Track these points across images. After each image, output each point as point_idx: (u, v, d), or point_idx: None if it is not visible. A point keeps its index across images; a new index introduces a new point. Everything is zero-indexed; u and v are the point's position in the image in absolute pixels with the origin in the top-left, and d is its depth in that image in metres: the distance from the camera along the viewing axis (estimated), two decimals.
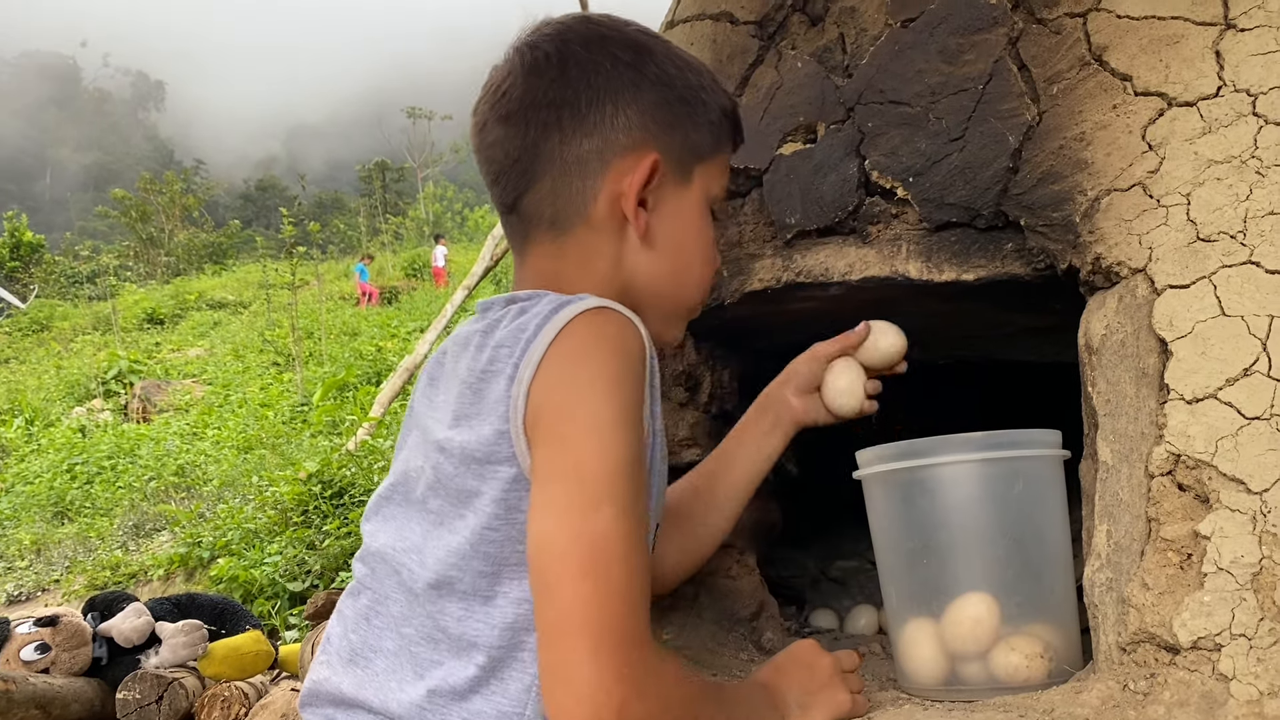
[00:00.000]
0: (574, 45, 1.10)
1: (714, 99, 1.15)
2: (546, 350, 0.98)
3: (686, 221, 1.15)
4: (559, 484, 0.93)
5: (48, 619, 2.57)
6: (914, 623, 1.29)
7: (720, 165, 1.18)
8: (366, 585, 1.11)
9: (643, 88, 1.10)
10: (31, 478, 8.23)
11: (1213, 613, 1.03)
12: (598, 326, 1.00)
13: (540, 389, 0.98)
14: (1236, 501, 1.05)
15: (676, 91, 1.12)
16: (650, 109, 1.10)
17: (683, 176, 1.14)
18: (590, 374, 0.97)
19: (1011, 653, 1.21)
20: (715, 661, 1.56)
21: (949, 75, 1.41)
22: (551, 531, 0.92)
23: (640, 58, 1.11)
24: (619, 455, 0.94)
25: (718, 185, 1.18)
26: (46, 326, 16.34)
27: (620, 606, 0.89)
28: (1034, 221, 1.33)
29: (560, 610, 0.89)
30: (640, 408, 1.00)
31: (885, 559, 1.36)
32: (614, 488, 0.92)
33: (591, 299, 1.03)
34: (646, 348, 1.03)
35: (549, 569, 0.91)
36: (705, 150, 1.15)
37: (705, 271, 1.18)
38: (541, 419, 0.97)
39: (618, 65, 1.10)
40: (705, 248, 1.18)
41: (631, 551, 0.91)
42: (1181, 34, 1.26)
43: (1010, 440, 1.26)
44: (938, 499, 1.27)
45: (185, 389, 10.75)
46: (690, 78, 1.14)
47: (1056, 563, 1.27)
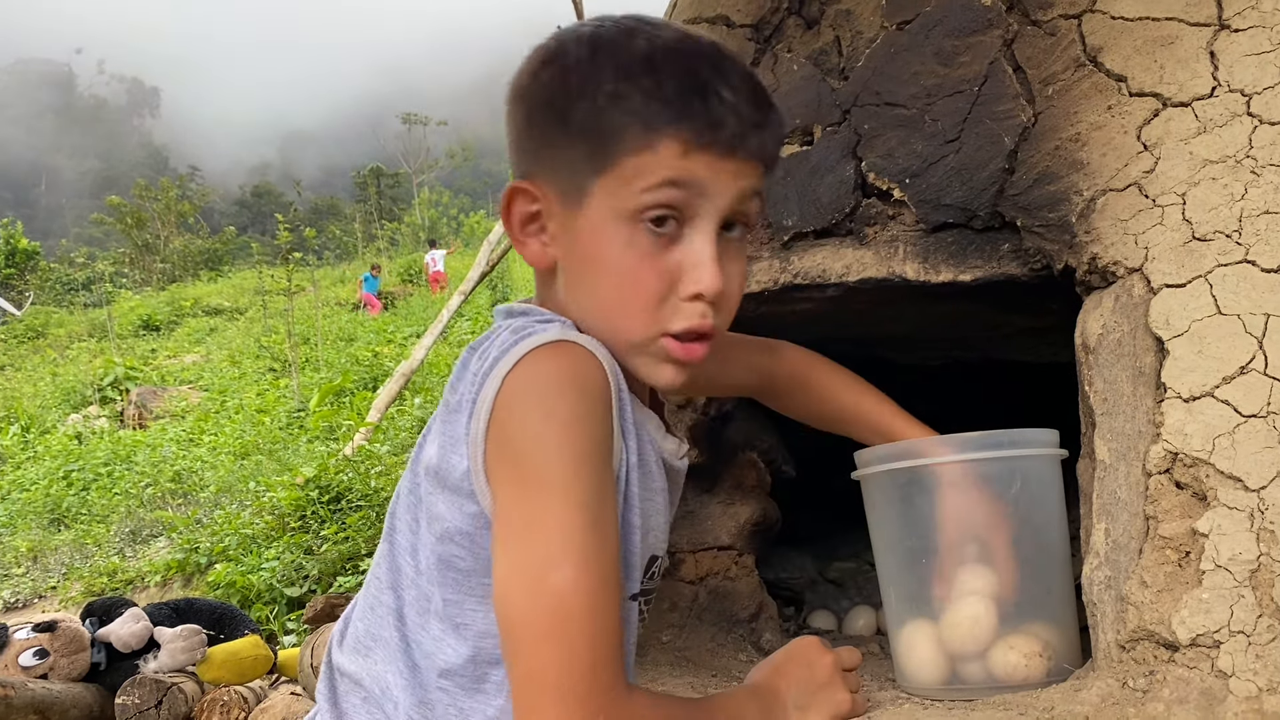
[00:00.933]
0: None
1: (613, 106, 0.98)
2: (500, 388, 0.95)
3: (587, 247, 1.00)
4: (515, 543, 0.91)
5: (46, 624, 2.56)
6: (913, 622, 1.29)
7: (631, 173, 0.98)
8: (376, 575, 1.12)
9: (521, 112, 1.02)
10: (28, 485, 8.20)
11: (1211, 610, 1.03)
12: (553, 362, 0.95)
13: (496, 429, 0.95)
14: (1234, 499, 1.05)
15: (553, 111, 1.00)
16: (525, 129, 1.02)
17: (575, 198, 1.00)
18: (543, 415, 0.93)
19: (1010, 651, 1.21)
20: (714, 663, 1.56)
21: (944, 77, 1.42)
22: (513, 592, 0.91)
23: (531, 78, 1.02)
24: (576, 506, 0.91)
25: (631, 195, 0.98)
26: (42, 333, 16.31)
27: (584, 665, 0.89)
28: (1030, 222, 1.34)
29: (525, 671, 0.90)
30: (604, 446, 0.95)
31: (884, 559, 1.36)
32: (571, 542, 0.90)
33: (554, 329, 0.98)
34: (611, 380, 0.97)
35: (512, 630, 0.92)
36: (593, 165, 0.98)
37: (630, 303, 0.99)
38: (499, 463, 0.95)
39: (512, 93, 1.04)
40: (618, 274, 0.99)
41: (595, 607, 0.89)
42: (1176, 35, 1.27)
43: (1008, 440, 1.26)
44: (937, 498, 1.27)
45: (181, 395, 10.73)
46: (578, 89, 0.98)
47: (1054, 561, 1.27)
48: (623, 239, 0.98)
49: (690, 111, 0.97)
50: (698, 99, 0.96)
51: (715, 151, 0.96)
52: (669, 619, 1.60)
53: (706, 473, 1.74)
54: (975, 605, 1.24)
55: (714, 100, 0.96)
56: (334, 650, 1.17)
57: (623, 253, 0.98)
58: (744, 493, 1.77)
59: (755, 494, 1.78)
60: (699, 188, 0.97)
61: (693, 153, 0.96)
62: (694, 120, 0.96)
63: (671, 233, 0.98)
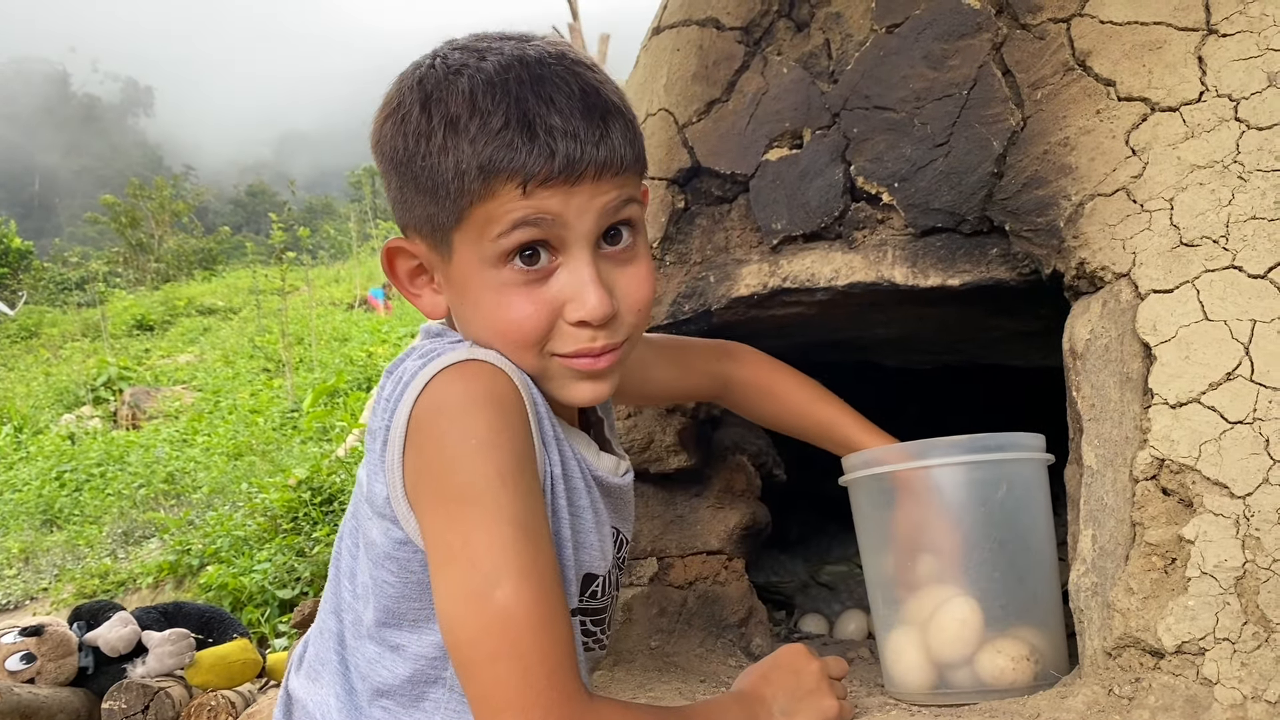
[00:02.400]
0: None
1: (447, 161, 0.96)
2: (411, 413, 0.95)
3: (464, 291, 1.01)
4: (451, 566, 0.91)
5: (33, 629, 2.55)
6: (900, 627, 1.29)
7: (482, 221, 0.97)
8: (325, 600, 1.12)
9: (378, 162, 1.04)
10: (20, 485, 8.17)
11: (1196, 617, 1.03)
12: (462, 383, 0.95)
13: (412, 454, 0.95)
14: (1220, 505, 1.05)
15: (391, 163, 1.01)
16: (388, 186, 1.04)
17: (444, 250, 1.01)
18: (460, 436, 0.92)
19: (998, 655, 1.21)
20: (703, 668, 1.56)
21: (934, 81, 1.41)
22: (457, 617, 0.91)
23: (376, 130, 1.03)
24: (506, 521, 0.90)
25: (486, 241, 0.97)
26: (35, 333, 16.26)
27: (540, 676, 0.89)
28: (1019, 226, 1.33)
29: (482, 692, 0.90)
30: (527, 459, 0.95)
31: (871, 564, 1.35)
32: (506, 558, 0.89)
33: (460, 350, 0.99)
34: (524, 393, 0.98)
35: (462, 653, 0.91)
36: (448, 219, 0.98)
37: (510, 336, 1.00)
38: (421, 488, 0.95)
39: (371, 139, 1.05)
40: (493, 311, 1.00)
41: (542, 618, 0.90)
42: (1164, 39, 1.26)
43: (995, 444, 1.26)
44: (922, 503, 1.27)
45: (175, 395, 10.70)
46: (419, 149, 0.98)
47: (1041, 566, 1.27)
48: (495, 283, 0.98)
49: (519, 149, 0.94)
50: (523, 136, 0.94)
51: (556, 184, 0.95)
52: (658, 624, 1.60)
53: (696, 476, 1.74)
54: (962, 609, 1.24)
55: (541, 133, 0.94)
56: (290, 675, 1.18)
57: (497, 296, 0.99)
58: (734, 496, 1.76)
59: (745, 497, 1.77)
60: (556, 221, 0.96)
61: (534, 190, 0.95)
62: (525, 159, 0.94)
63: (545, 265, 0.98)
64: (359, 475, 1.07)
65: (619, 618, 1.59)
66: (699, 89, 1.69)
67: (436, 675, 1.01)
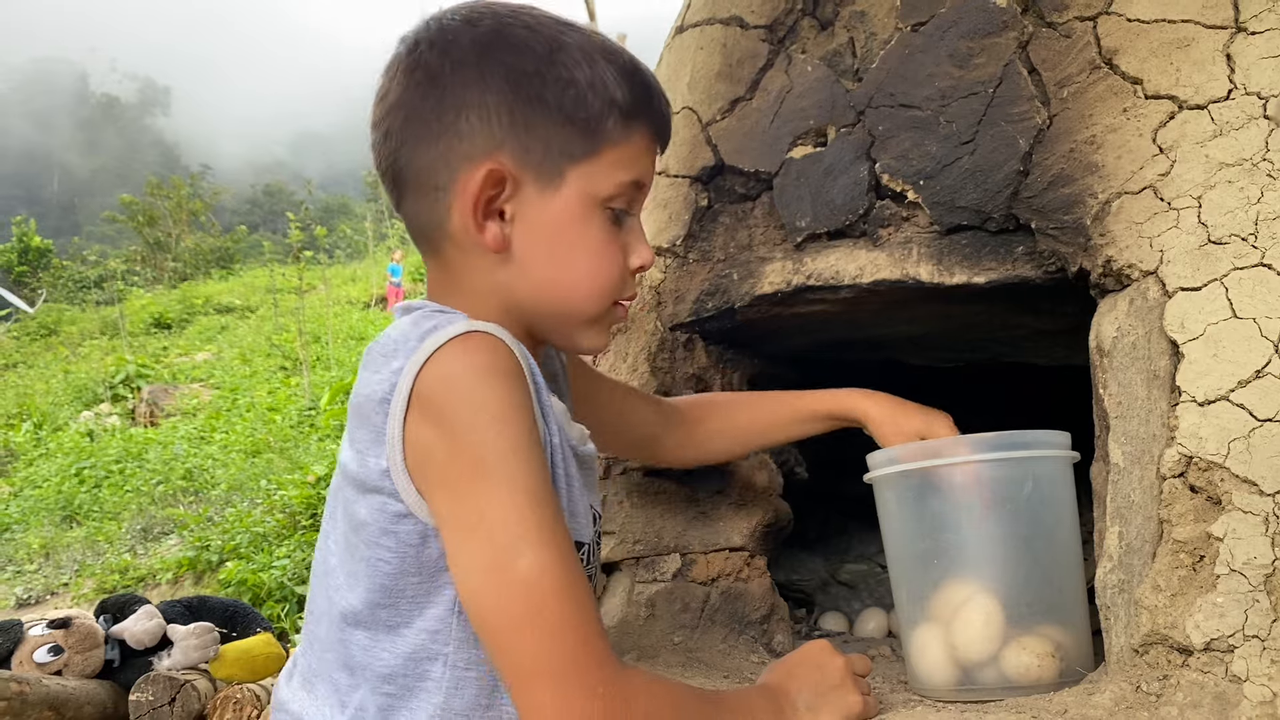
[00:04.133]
0: (422, 47, 1.03)
1: (594, 93, 1.01)
2: (413, 386, 0.94)
3: (559, 230, 1.03)
4: (469, 540, 0.91)
5: (60, 621, 2.58)
6: (924, 624, 1.29)
7: (610, 163, 1.03)
8: (311, 609, 1.11)
9: (488, 89, 1.00)
10: (40, 481, 8.24)
11: (1225, 614, 1.03)
12: (466, 355, 0.94)
13: (416, 429, 0.94)
14: (1249, 503, 1.05)
15: (531, 89, 1.00)
16: (495, 112, 1.00)
17: (549, 181, 1.02)
18: (473, 409, 0.92)
19: (1023, 653, 1.21)
20: (726, 664, 1.56)
21: (959, 79, 1.42)
22: (480, 588, 0.90)
23: (485, 55, 1.00)
24: (521, 491, 0.90)
25: (609, 184, 1.04)
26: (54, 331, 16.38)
27: (571, 640, 0.88)
28: (1045, 224, 1.33)
29: (514, 664, 0.89)
30: (535, 431, 0.96)
31: (896, 561, 1.36)
32: (525, 528, 0.89)
33: (459, 323, 0.97)
34: (524, 365, 0.98)
35: (488, 625, 0.91)
36: (577, 150, 1.02)
37: (600, 281, 1.06)
38: (429, 464, 0.94)
39: (460, 68, 1.00)
40: (593, 255, 1.05)
41: (566, 585, 0.89)
42: (1192, 37, 1.26)
43: (1021, 441, 1.26)
44: (949, 500, 1.27)
45: (193, 393, 10.77)
46: (557, 71, 1.00)
47: (1067, 564, 1.27)
48: (595, 225, 1.05)
49: (655, 111, 1.07)
50: (659, 102, 1.08)
51: (659, 149, 1.10)
52: (681, 620, 1.60)
53: (718, 473, 1.74)
54: (986, 606, 1.24)
55: (663, 105, 1.09)
56: (281, 687, 1.16)
57: (598, 234, 1.05)
58: (756, 494, 1.76)
59: (767, 495, 1.78)
60: (647, 187, 1.10)
61: (652, 149, 1.09)
62: (657, 119, 1.08)
63: (619, 217, 1.08)
64: (341, 459, 1.04)
65: (641, 614, 1.60)
66: (723, 87, 1.69)
67: (438, 651, 0.99)
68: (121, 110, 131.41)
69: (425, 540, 0.97)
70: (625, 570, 1.63)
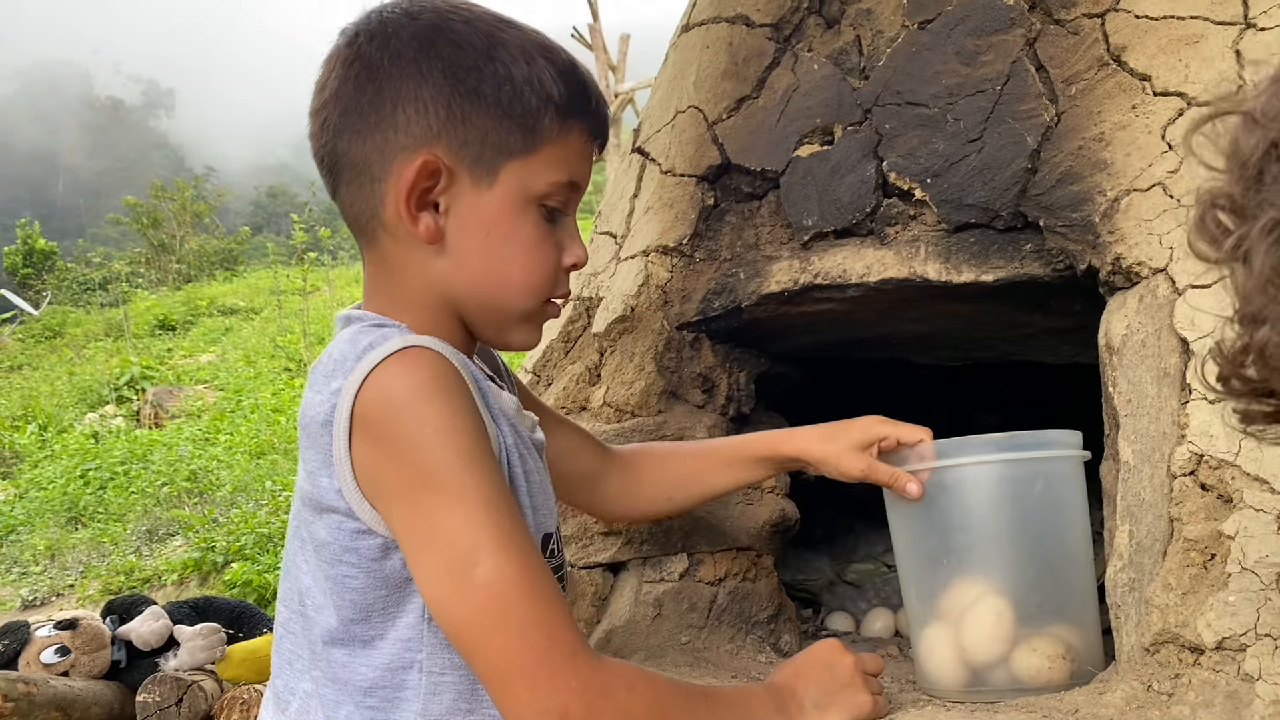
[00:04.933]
0: (362, 39, 1.03)
1: (531, 90, 1.00)
2: (353, 405, 0.95)
3: (493, 224, 1.03)
4: (428, 553, 0.93)
5: (67, 622, 2.58)
6: (934, 624, 1.29)
7: (546, 161, 1.03)
8: (288, 630, 1.11)
9: (425, 82, 1.00)
10: (45, 483, 8.25)
11: (1237, 613, 1.02)
12: (404, 373, 0.95)
13: (361, 449, 0.95)
14: (1260, 501, 1.04)
15: (468, 84, 1.00)
16: (431, 106, 1.00)
17: (484, 175, 1.02)
18: (412, 427, 0.93)
19: (1033, 654, 1.20)
20: (734, 664, 1.56)
21: (966, 76, 1.41)
22: (443, 600, 0.93)
23: (424, 49, 1.00)
24: (474, 500, 0.92)
25: (544, 181, 1.03)
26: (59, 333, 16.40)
27: (537, 638, 0.90)
28: (1053, 222, 1.33)
29: (487, 666, 0.92)
30: (482, 437, 0.97)
31: (905, 560, 1.35)
32: (481, 535, 0.91)
33: (394, 339, 0.98)
34: (464, 373, 0.99)
35: (458, 634, 0.93)
36: (513, 146, 1.01)
37: (532, 277, 1.06)
38: (379, 482, 0.95)
39: (398, 60, 1.01)
40: (525, 251, 1.04)
41: (528, 586, 0.91)
42: (1201, 33, 1.26)
43: (1031, 441, 1.25)
44: (958, 500, 1.27)
45: (197, 395, 10.77)
46: (495, 67, 1.00)
47: (1077, 563, 1.27)
48: (530, 218, 1.05)
49: (590, 109, 1.06)
50: (594, 100, 1.07)
51: (595, 149, 1.08)
52: (688, 620, 1.60)
53: None
54: (996, 607, 1.23)
55: (598, 102, 1.08)
56: (263, 712, 1.16)
57: (531, 231, 1.05)
58: (762, 493, 1.76)
59: (774, 494, 1.77)
60: (581, 188, 1.09)
61: (588, 149, 1.07)
62: (593, 118, 1.07)
63: (553, 215, 1.07)
64: (297, 481, 1.06)
65: (649, 614, 1.60)
66: (729, 86, 1.69)
67: (413, 659, 1.01)
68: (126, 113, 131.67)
69: (387, 553, 0.98)
70: (632, 570, 1.62)
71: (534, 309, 1.09)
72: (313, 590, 1.05)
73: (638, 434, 1.65)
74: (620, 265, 1.78)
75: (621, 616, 1.58)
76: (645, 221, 1.76)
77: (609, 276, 1.80)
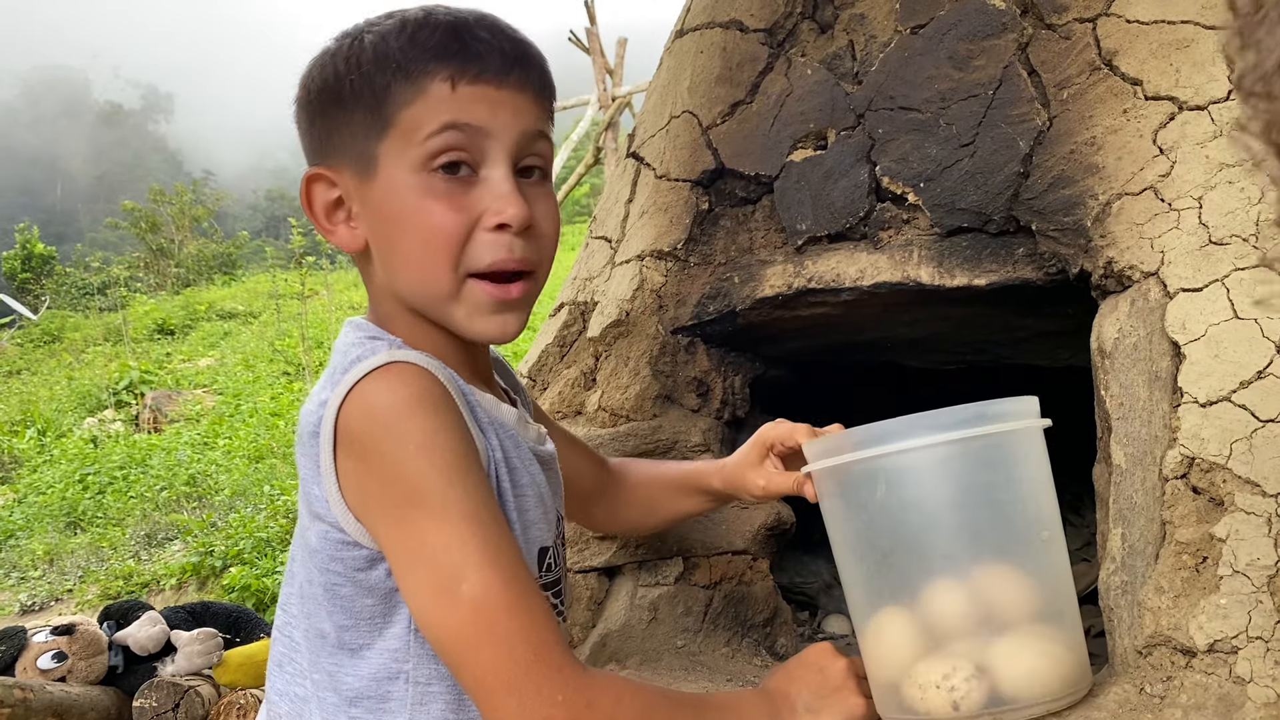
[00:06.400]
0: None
1: (376, 67, 0.99)
2: (337, 420, 0.96)
3: (388, 210, 1.00)
4: (414, 568, 0.94)
5: (64, 627, 2.58)
6: (891, 629, 1.09)
7: (409, 124, 0.99)
8: (283, 633, 1.11)
9: (302, 112, 1.06)
10: (44, 488, 8.24)
11: (1229, 615, 1.03)
12: (387, 389, 0.95)
13: (345, 463, 0.96)
14: (1251, 504, 1.05)
15: (327, 96, 1.02)
16: (308, 131, 1.06)
17: (364, 168, 1.01)
18: (393, 443, 0.93)
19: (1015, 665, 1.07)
20: (729, 668, 1.56)
21: (959, 81, 1.42)
22: (430, 617, 0.94)
23: (303, 84, 1.05)
24: (458, 516, 0.92)
25: (416, 143, 0.98)
26: (58, 338, 16.38)
27: (523, 652, 0.91)
28: (1045, 226, 1.33)
29: (474, 679, 0.93)
30: (467, 451, 0.96)
31: (847, 568, 1.17)
32: (466, 551, 0.92)
33: (380, 353, 0.98)
34: (450, 387, 0.99)
35: (444, 648, 0.94)
36: (374, 126, 0.99)
37: (429, 251, 1.00)
38: (363, 496, 0.96)
39: (297, 95, 1.07)
40: (418, 226, 0.99)
41: (513, 601, 0.92)
42: (1192, 38, 1.26)
43: (980, 414, 1.06)
44: (897, 492, 1.07)
45: (196, 399, 10.77)
46: (349, 68, 1.00)
47: (1051, 553, 1.08)
48: (417, 190, 1.00)
49: (449, 50, 1.00)
50: (455, 40, 1.00)
51: (483, 83, 0.99)
52: (684, 624, 1.60)
53: None
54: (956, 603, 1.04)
55: (469, 39, 1.00)
56: (260, 716, 1.18)
57: (419, 201, 0.99)
58: None
59: None
60: (481, 130, 0.99)
61: (461, 87, 0.99)
62: (454, 57, 0.99)
63: (466, 177, 1.00)
64: (300, 485, 1.07)
65: (644, 618, 1.60)
66: (723, 90, 1.69)
67: (399, 669, 1.02)
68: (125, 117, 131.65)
69: (372, 564, 0.99)
70: (628, 574, 1.62)
71: (453, 284, 1.01)
72: (308, 595, 1.05)
73: (633, 438, 1.65)
74: (615, 270, 1.79)
75: (617, 620, 1.58)
76: (640, 226, 1.76)
77: (604, 281, 1.81)
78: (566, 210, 19.39)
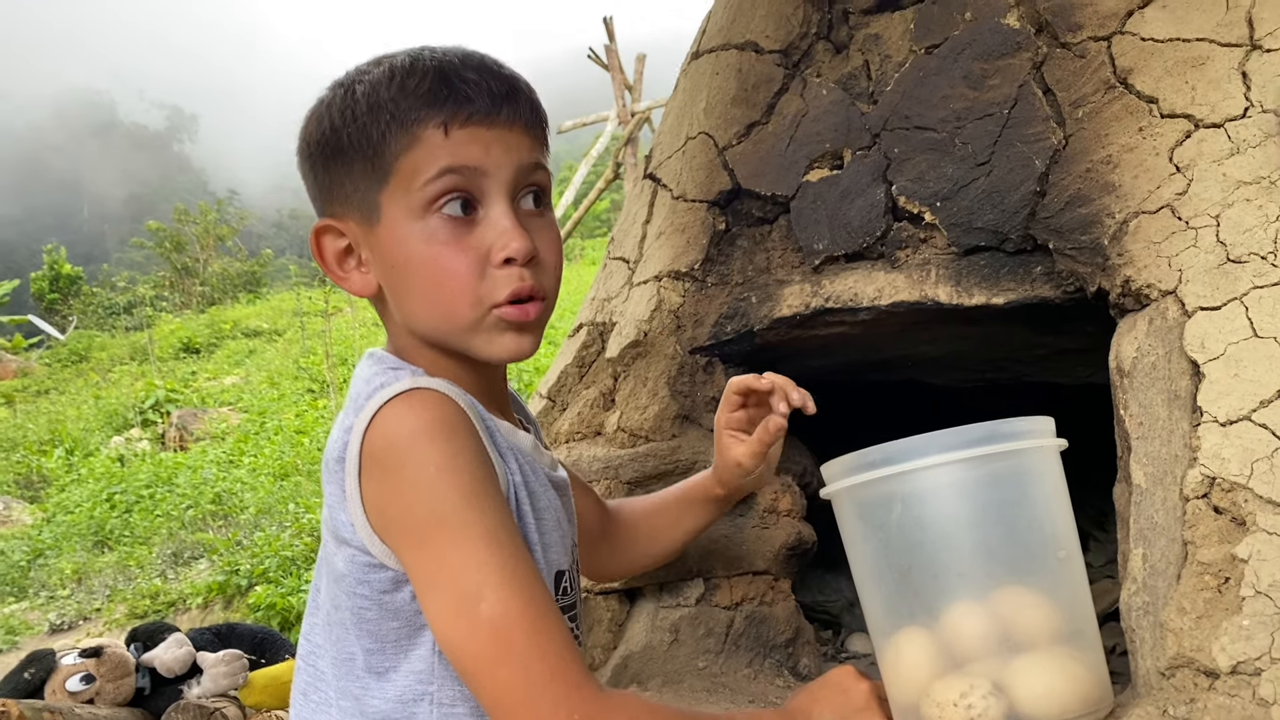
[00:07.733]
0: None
1: (372, 117, 1.02)
2: (361, 446, 0.99)
3: (397, 256, 1.04)
4: (435, 588, 0.96)
5: (92, 650, 2.61)
6: (910, 649, 1.09)
7: (408, 171, 1.02)
8: (307, 661, 1.13)
9: (304, 165, 1.09)
10: (72, 507, 8.32)
11: (1252, 637, 1.02)
12: (410, 415, 0.98)
13: (370, 487, 0.99)
14: (1273, 524, 1.04)
15: (328, 148, 1.05)
16: (313, 184, 1.09)
17: (369, 216, 1.04)
18: (414, 468, 0.96)
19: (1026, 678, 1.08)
20: (751, 688, 1.56)
21: (974, 100, 1.42)
22: (452, 636, 0.95)
23: (302, 136, 1.09)
24: (477, 537, 0.95)
25: (417, 190, 1.02)
26: (85, 357, 16.56)
27: (540, 671, 0.93)
28: (1062, 245, 1.33)
29: (493, 698, 0.95)
30: (486, 476, 0.99)
31: (866, 588, 1.16)
32: (485, 572, 0.94)
33: (404, 380, 1.01)
34: (470, 413, 1.01)
35: (464, 667, 0.96)
36: (375, 175, 1.03)
37: (446, 291, 1.03)
38: (387, 519, 0.98)
39: (298, 151, 1.10)
40: (431, 269, 1.03)
41: (531, 621, 0.94)
42: (1207, 55, 1.26)
43: (999, 432, 1.07)
44: (913, 511, 1.07)
45: (221, 417, 10.85)
46: (345, 120, 1.04)
47: (1069, 572, 1.09)
48: (422, 235, 1.03)
49: (439, 96, 1.03)
50: (444, 85, 1.03)
51: (475, 124, 1.02)
52: (705, 645, 1.60)
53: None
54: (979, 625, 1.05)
55: (457, 82, 1.03)
56: None
57: (426, 246, 1.03)
58: (779, 516, 1.76)
59: (790, 517, 1.77)
60: (477, 169, 1.03)
61: (453, 131, 1.02)
62: (445, 102, 1.02)
63: (469, 218, 1.04)
64: (323, 515, 1.09)
65: (666, 639, 1.60)
66: (738, 111, 1.70)
67: (424, 691, 1.03)
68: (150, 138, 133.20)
69: (398, 586, 1.01)
70: (649, 596, 1.63)
71: (475, 318, 1.04)
72: (335, 621, 1.07)
73: (652, 458, 1.65)
74: (633, 290, 1.80)
75: (638, 642, 1.58)
76: (657, 247, 1.77)
77: (622, 302, 1.82)
78: (587, 225, 19.41)
